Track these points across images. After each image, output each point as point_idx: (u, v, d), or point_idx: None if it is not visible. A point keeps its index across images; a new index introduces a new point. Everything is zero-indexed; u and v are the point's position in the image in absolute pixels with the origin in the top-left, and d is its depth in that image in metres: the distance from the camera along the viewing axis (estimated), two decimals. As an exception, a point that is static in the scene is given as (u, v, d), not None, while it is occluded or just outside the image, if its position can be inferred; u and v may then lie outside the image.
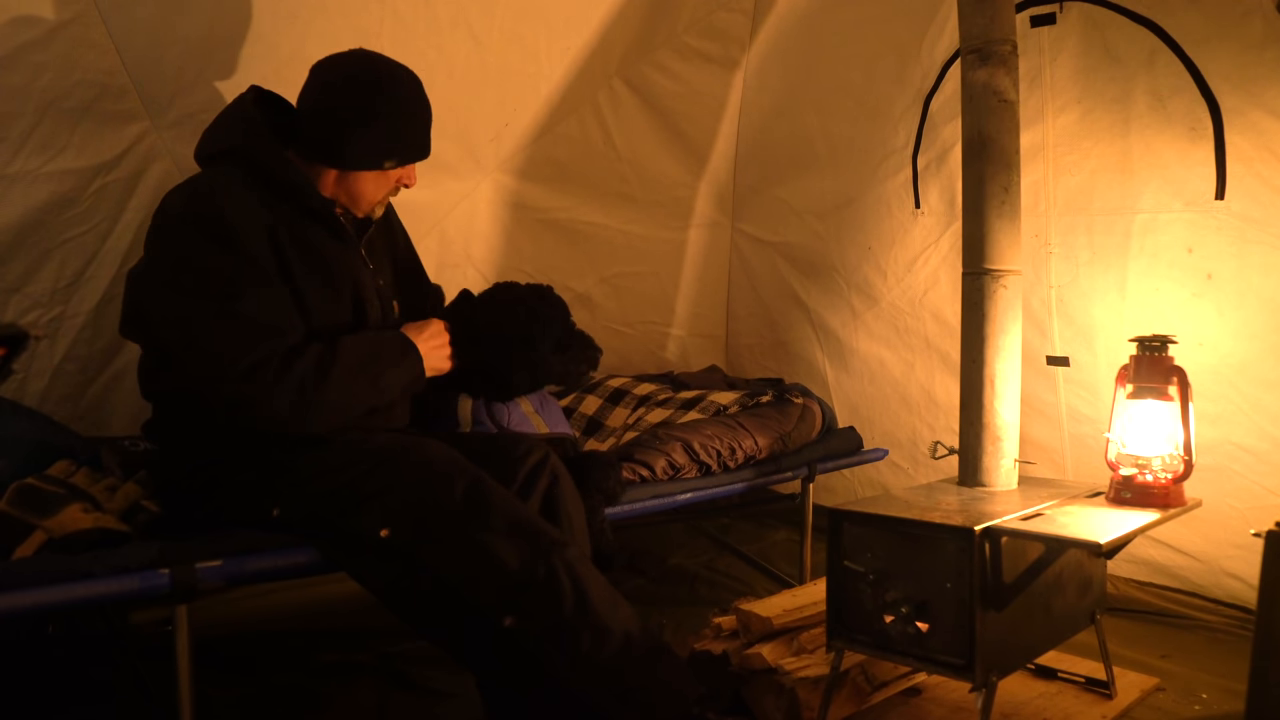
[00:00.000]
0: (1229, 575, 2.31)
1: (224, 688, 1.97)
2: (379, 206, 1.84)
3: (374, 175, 1.76)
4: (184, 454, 1.67)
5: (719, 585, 2.70)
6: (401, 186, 1.82)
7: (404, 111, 1.74)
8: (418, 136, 1.79)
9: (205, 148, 1.73)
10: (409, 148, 1.77)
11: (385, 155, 1.74)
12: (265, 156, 1.67)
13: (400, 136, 1.75)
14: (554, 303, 1.96)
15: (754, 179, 3.42)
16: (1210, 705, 1.93)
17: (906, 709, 1.88)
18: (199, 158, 1.74)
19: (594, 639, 1.49)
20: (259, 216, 1.61)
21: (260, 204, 1.63)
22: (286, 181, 1.67)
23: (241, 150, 1.67)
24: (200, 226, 1.57)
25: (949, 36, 2.70)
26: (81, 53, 1.92)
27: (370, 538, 1.53)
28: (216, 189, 1.61)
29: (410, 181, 1.82)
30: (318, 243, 1.69)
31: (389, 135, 1.73)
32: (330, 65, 1.72)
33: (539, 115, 2.83)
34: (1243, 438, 2.26)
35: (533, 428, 2.21)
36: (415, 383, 1.77)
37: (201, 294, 1.55)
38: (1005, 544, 1.59)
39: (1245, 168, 2.20)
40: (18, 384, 2.07)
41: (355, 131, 1.70)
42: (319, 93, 1.72)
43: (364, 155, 1.73)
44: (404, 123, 1.75)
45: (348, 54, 1.74)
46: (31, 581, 1.41)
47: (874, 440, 2.95)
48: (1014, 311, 1.94)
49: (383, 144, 1.73)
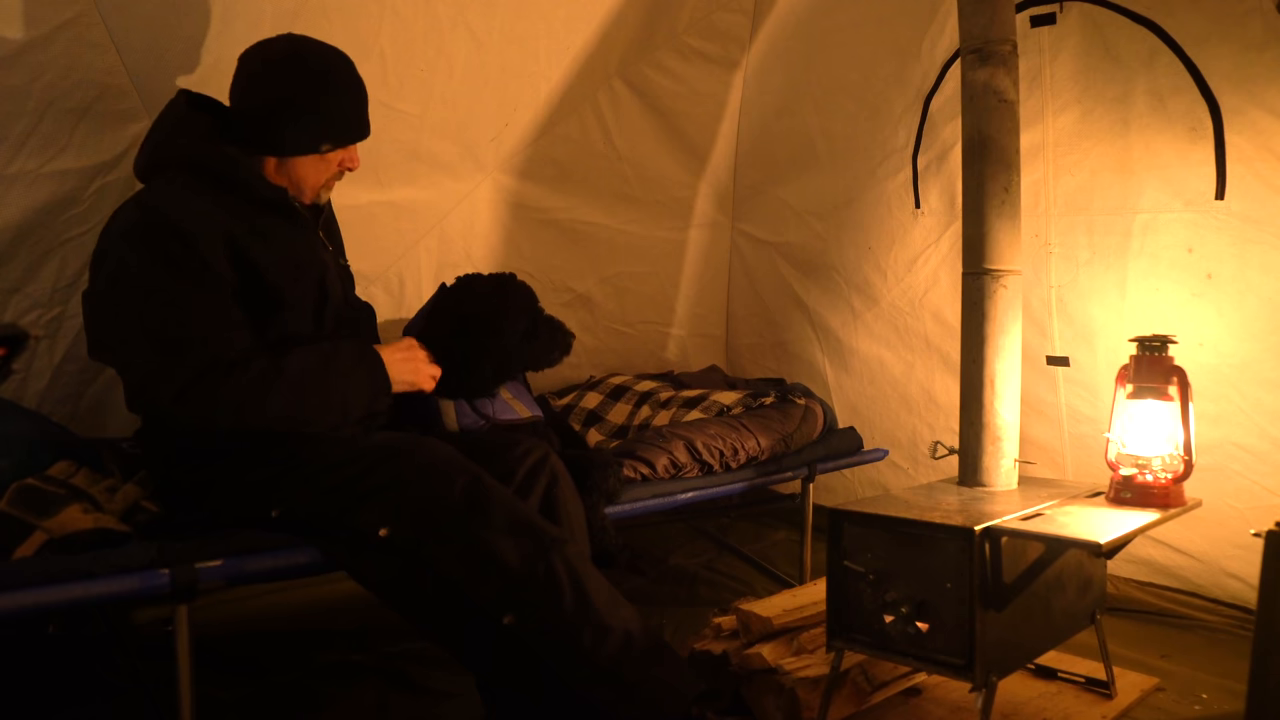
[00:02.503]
0: (1229, 575, 2.31)
1: (224, 688, 1.97)
2: (324, 191, 1.82)
3: (313, 160, 1.75)
4: (178, 459, 1.67)
5: (719, 585, 2.70)
6: (345, 170, 1.81)
7: (333, 92, 1.73)
8: (351, 117, 1.77)
9: (146, 159, 1.71)
10: (343, 129, 1.76)
11: (320, 138, 1.73)
12: (210, 158, 1.66)
13: (332, 118, 1.74)
14: (517, 290, 1.96)
15: (754, 179, 3.42)
16: (1210, 705, 1.93)
17: (906, 709, 1.88)
18: (139, 171, 1.72)
19: (594, 637, 1.49)
20: (214, 219, 1.59)
21: (214, 205, 1.61)
22: (235, 178, 1.66)
23: (185, 156, 1.66)
24: (147, 241, 1.55)
25: (949, 36, 2.70)
26: (81, 53, 1.92)
27: (370, 536, 1.53)
28: (164, 201, 1.60)
29: (353, 164, 1.81)
30: (277, 231, 1.68)
31: (321, 118, 1.72)
32: (254, 54, 1.72)
33: (539, 115, 2.83)
34: (1243, 438, 2.25)
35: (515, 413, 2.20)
36: (379, 398, 1.74)
37: (137, 314, 1.54)
38: (1005, 544, 1.59)
39: (1245, 168, 2.20)
40: (18, 384, 2.07)
41: (285, 117, 1.69)
42: (246, 82, 1.71)
43: (298, 140, 1.72)
44: (334, 104, 1.73)
45: (273, 40, 1.73)
46: (31, 581, 1.41)
47: (874, 440, 2.95)
48: (1014, 311, 1.94)
49: (315, 127, 1.72)
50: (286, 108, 1.69)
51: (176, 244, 1.55)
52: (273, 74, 1.70)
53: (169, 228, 1.55)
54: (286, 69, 1.70)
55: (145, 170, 1.71)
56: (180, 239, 1.55)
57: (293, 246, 1.71)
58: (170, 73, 2.06)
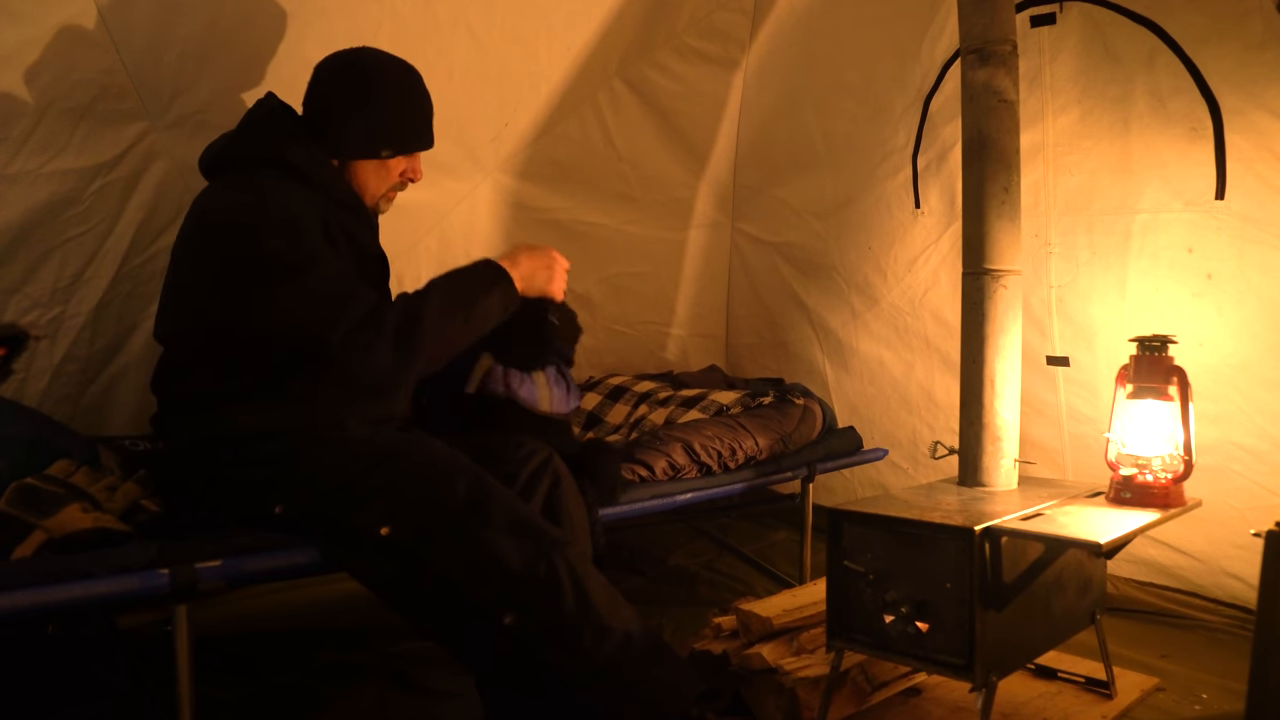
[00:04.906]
0: (1229, 575, 2.31)
1: (224, 688, 1.97)
2: (384, 201, 1.85)
3: (374, 165, 1.78)
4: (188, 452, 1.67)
5: (719, 585, 2.70)
6: (408, 180, 1.84)
7: (395, 99, 1.76)
8: (413, 125, 1.80)
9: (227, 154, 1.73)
10: (404, 136, 1.78)
11: (379, 143, 1.76)
12: (300, 157, 1.69)
13: (392, 124, 1.76)
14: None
15: (754, 179, 3.42)
16: (1210, 705, 1.93)
17: (906, 709, 1.88)
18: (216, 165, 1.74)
19: (594, 637, 1.49)
20: (309, 207, 1.64)
21: (304, 199, 1.66)
22: (319, 179, 1.70)
23: (274, 155, 1.68)
24: (255, 225, 1.58)
25: (949, 36, 2.70)
26: (81, 53, 1.92)
27: (371, 535, 1.53)
28: (263, 190, 1.63)
29: (415, 175, 1.84)
30: (355, 232, 1.74)
31: (380, 123, 1.75)
32: (326, 61, 1.77)
33: (539, 115, 2.83)
34: (1243, 438, 2.25)
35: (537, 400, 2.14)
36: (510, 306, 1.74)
37: (270, 280, 1.56)
38: (1005, 544, 1.59)
39: (1245, 168, 2.20)
40: (18, 384, 2.07)
41: (347, 120, 1.73)
42: (315, 87, 1.76)
43: (358, 143, 1.75)
44: (395, 110, 1.76)
45: (346, 50, 1.77)
46: (31, 581, 1.40)
47: (874, 440, 2.95)
48: (1014, 311, 1.94)
49: (375, 131, 1.75)
50: (348, 110, 1.73)
51: (285, 225, 1.58)
52: (337, 79, 1.75)
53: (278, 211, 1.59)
54: (350, 74, 1.74)
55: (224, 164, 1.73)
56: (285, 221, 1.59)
57: (363, 245, 1.76)
58: (170, 73, 2.07)
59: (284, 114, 1.76)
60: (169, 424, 1.72)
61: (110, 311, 2.19)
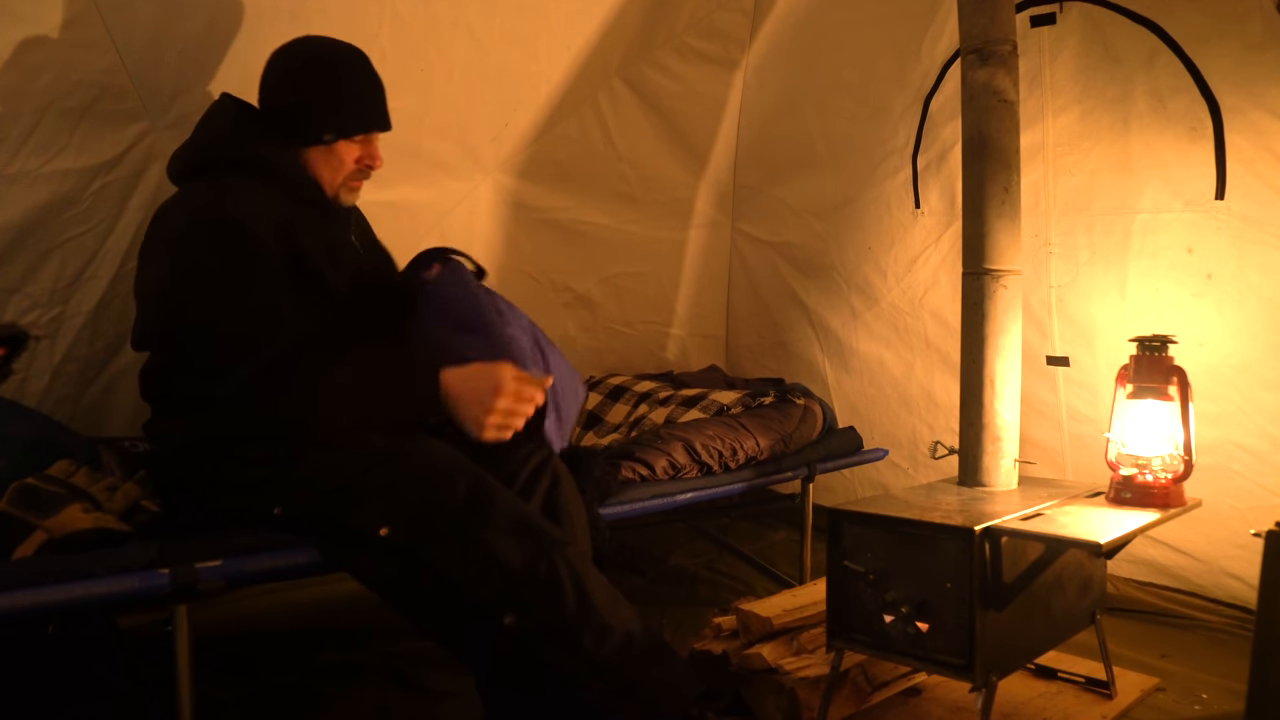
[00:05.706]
0: (1229, 575, 2.31)
1: (224, 688, 1.97)
2: (345, 191, 1.81)
3: (321, 152, 1.76)
4: (184, 455, 1.67)
5: (719, 585, 2.70)
6: (365, 167, 1.80)
7: (337, 81, 1.74)
8: (359, 107, 1.77)
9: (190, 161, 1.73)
10: (349, 118, 1.76)
11: (321, 129, 1.74)
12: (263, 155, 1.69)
13: (336, 107, 1.74)
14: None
15: (754, 179, 3.42)
16: (1210, 705, 1.93)
17: (906, 709, 1.88)
18: (181, 173, 1.74)
19: (595, 637, 1.49)
20: (265, 210, 1.63)
21: (263, 197, 1.65)
22: (283, 175, 1.70)
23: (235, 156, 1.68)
24: (209, 234, 1.58)
25: (949, 36, 2.70)
26: (81, 53, 1.92)
27: (371, 535, 1.53)
28: (222, 194, 1.62)
29: (373, 161, 1.80)
30: (320, 226, 1.73)
31: (324, 107, 1.73)
32: (274, 55, 1.77)
33: (539, 115, 2.83)
34: (1243, 438, 2.25)
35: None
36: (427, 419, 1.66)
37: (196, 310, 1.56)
38: (1005, 544, 1.59)
39: (1245, 168, 2.20)
40: (18, 384, 2.07)
41: (294, 110, 1.72)
42: (264, 80, 1.76)
43: (305, 132, 1.74)
44: (336, 94, 1.74)
45: (291, 41, 1.77)
46: (31, 581, 1.40)
47: (874, 440, 2.95)
48: (1014, 311, 1.94)
49: (318, 117, 1.73)
50: (294, 100, 1.73)
51: (235, 238, 1.57)
52: (283, 69, 1.75)
53: (226, 222, 1.58)
54: (293, 63, 1.74)
55: (189, 171, 1.73)
56: (238, 232, 1.58)
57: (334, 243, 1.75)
58: (170, 73, 2.06)
59: (239, 113, 1.75)
60: (158, 428, 1.72)
61: (110, 311, 2.19)
